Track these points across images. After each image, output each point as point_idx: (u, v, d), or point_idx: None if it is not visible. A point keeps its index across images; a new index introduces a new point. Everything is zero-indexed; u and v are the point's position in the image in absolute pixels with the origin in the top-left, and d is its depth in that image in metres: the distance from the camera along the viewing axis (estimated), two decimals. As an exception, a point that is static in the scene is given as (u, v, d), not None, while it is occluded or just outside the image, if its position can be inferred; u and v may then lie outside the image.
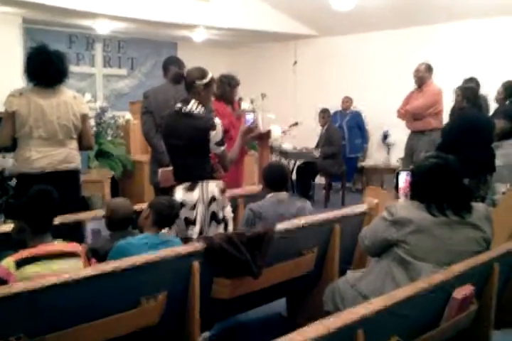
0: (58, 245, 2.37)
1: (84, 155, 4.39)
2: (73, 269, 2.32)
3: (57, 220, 2.57)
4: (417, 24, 7.09)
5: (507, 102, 4.89)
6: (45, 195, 2.40)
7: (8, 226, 2.60)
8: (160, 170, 3.34)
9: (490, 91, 4.50)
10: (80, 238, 2.89)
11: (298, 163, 7.20)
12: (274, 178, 3.18)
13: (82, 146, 3.52)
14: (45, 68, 3.22)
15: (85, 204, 4.95)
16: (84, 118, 3.44)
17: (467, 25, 6.67)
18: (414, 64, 5.69)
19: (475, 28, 6.63)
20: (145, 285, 2.15)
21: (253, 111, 3.70)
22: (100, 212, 3.05)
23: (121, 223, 2.81)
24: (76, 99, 3.41)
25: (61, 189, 3.22)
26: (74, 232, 2.92)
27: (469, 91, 4.47)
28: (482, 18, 6.44)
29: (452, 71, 6.05)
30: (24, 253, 2.25)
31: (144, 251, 2.35)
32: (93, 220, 3.04)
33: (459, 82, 5.57)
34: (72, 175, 3.42)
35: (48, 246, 2.33)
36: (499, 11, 6.14)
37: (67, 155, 3.36)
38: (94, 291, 2.00)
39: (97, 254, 2.57)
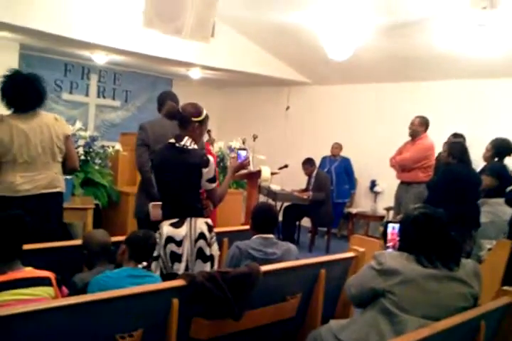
0: (28, 272, 2.28)
1: (69, 183, 4.32)
2: (44, 296, 2.23)
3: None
4: (408, 80, 7.24)
5: (495, 159, 4.93)
6: (13, 222, 2.28)
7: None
8: (151, 205, 3.24)
9: (478, 149, 4.52)
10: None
11: (285, 204, 7.16)
12: (262, 221, 3.10)
13: (67, 168, 3.45)
14: (23, 93, 3.17)
15: (66, 232, 4.82)
16: (66, 138, 3.38)
17: (458, 84, 6.83)
18: (403, 117, 5.78)
19: (465, 87, 6.79)
20: (121, 320, 2.05)
21: (245, 148, 3.70)
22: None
23: (98, 254, 2.70)
24: (57, 120, 3.37)
25: (43, 210, 3.19)
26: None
27: (455, 147, 4.46)
28: (472, 79, 6.61)
29: (440, 127, 6.15)
30: None
31: (123, 284, 2.27)
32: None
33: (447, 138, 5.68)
34: (56, 196, 3.35)
35: (18, 273, 2.23)
36: (489, 74, 6.31)
37: (52, 180, 3.29)
38: (66, 323, 1.89)
39: (75, 287, 2.47)
